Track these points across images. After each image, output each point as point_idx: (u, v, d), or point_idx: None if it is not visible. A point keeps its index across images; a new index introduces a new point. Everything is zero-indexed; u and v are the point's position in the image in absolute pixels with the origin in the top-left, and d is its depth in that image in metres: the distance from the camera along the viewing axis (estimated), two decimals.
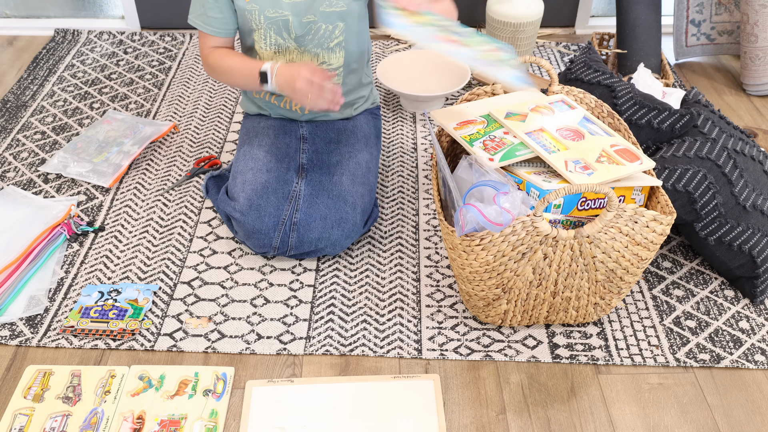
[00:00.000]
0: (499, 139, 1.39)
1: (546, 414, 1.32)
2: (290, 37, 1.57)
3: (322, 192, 1.59)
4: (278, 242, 1.56)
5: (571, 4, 2.63)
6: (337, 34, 1.58)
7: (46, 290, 1.56)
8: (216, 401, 1.32)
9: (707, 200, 1.45)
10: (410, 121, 2.13)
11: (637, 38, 2.18)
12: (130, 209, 1.79)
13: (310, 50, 1.59)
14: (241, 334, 1.47)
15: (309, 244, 1.56)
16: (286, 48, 1.59)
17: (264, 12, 1.53)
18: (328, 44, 1.59)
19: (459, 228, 1.25)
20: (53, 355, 1.43)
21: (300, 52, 1.60)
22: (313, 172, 1.63)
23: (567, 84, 1.76)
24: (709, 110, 1.65)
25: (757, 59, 2.23)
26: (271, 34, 1.56)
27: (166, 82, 2.33)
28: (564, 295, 1.37)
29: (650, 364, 1.41)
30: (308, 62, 1.49)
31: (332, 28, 1.57)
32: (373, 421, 1.29)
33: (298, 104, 1.56)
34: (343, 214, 1.57)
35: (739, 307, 1.53)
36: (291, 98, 1.49)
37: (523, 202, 1.23)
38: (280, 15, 1.53)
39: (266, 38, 1.57)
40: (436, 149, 1.37)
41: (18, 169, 1.93)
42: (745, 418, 1.32)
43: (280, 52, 1.60)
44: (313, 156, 1.66)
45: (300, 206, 1.57)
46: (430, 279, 1.59)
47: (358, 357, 1.42)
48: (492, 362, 1.41)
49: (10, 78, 2.37)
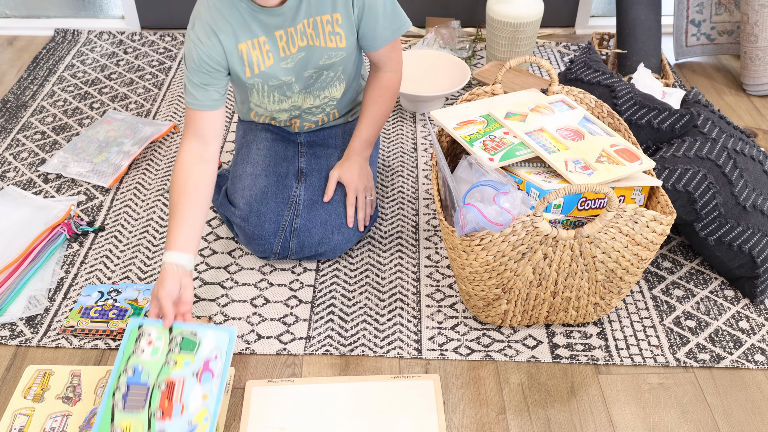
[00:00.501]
0: (499, 139, 1.39)
1: (546, 414, 1.32)
2: (294, 93, 1.57)
3: (322, 197, 1.59)
4: (279, 248, 1.56)
5: (571, 4, 2.63)
6: (340, 74, 1.58)
7: (46, 290, 1.56)
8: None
9: (707, 200, 1.45)
10: (410, 121, 2.13)
11: (637, 38, 2.18)
12: (130, 209, 1.79)
13: (312, 93, 1.59)
14: (241, 334, 1.46)
15: (309, 248, 1.56)
16: (289, 97, 1.58)
17: (267, 82, 1.51)
18: (331, 83, 1.59)
19: (459, 228, 1.25)
20: (53, 355, 1.43)
21: (303, 96, 1.59)
22: (312, 177, 1.62)
23: (567, 84, 1.76)
24: (709, 110, 1.65)
25: (757, 59, 2.23)
26: (274, 95, 1.56)
27: (166, 82, 2.33)
28: (564, 295, 1.37)
29: (650, 364, 1.41)
30: (163, 291, 1.31)
31: (333, 74, 1.56)
32: (373, 421, 1.29)
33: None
34: (343, 219, 1.57)
35: (739, 307, 1.53)
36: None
37: (523, 202, 1.23)
38: (283, 82, 1.52)
39: (270, 98, 1.57)
40: (436, 149, 1.37)
41: (18, 169, 1.93)
42: (745, 418, 1.32)
43: (283, 101, 1.59)
44: (311, 160, 1.66)
45: (300, 212, 1.56)
46: (430, 279, 1.59)
47: (358, 357, 1.42)
48: (492, 362, 1.41)
49: (10, 78, 2.37)
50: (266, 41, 1.43)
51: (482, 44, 2.54)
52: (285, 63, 1.47)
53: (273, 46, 1.45)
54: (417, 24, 2.64)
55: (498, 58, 2.36)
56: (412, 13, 2.63)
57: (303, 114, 1.66)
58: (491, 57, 2.38)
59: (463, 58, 2.39)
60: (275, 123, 1.71)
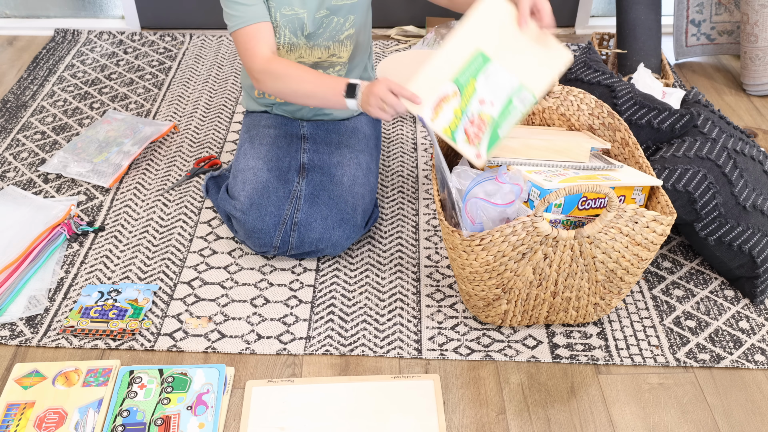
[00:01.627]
0: (478, 117, 1.34)
1: (546, 414, 1.32)
2: (302, 35, 1.58)
3: (323, 192, 1.59)
4: (279, 242, 1.55)
5: (571, 4, 2.63)
6: (348, 26, 1.59)
7: (46, 290, 1.56)
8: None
9: (707, 200, 1.45)
10: (410, 121, 2.13)
11: (637, 38, 2.18)
12: (130, 209, 1.79)
13: (320, 44, 1.60)
14: (241, 334, 1.47)
15: (309, 244, 1.56)
16: (297, 45, 1.59)
17: (280, 9, 1.53)
18: (339, 37, 1.60)
19: (468, 223, 1.25)
20: (53, 355, 1.43)
21: (309, 47, 1.60)
22: (314, 172, 1.63)
23: (567, 84, 1.76)
24: (709, 110, 1.65)
25: (757, 59, 2.23)
26: (285, 32, 1.57)
27: (166, 82, 2.33)
28: (564, 296, 1.37)
29: (650, 364, 1.41)
30: (383, 82, 1.35)
31: (343, 20, 1.58)
32: (372, 421, 1.29)
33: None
34: (344, 215, 1.57)
35: (739, 307, 1.53)
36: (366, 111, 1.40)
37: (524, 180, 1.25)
38: (295, 13, 1.53)
39: (280, 36, 1.57)
40: (435, 149, 1.37)
41: (18, 169, 1.93)
42: (745, 418, 1.32)
43: (292, 50, 1.60)
44: (314, 156, 1.66)
45: (301, 206, 1.57)
46: (430, 279, 1.59)
47: (358, 357, 1.42)
48: (492, 362, 1.41)
49: (10, 78, 2.37)
50: None
51: None
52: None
53: None
54: (417, 24, 2.64)
55: None
56: (412, 13, 2.64)
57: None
58: None
59: None
60: (280, 99, 1.70)
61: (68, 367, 1.38)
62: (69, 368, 1.38)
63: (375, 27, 2.64)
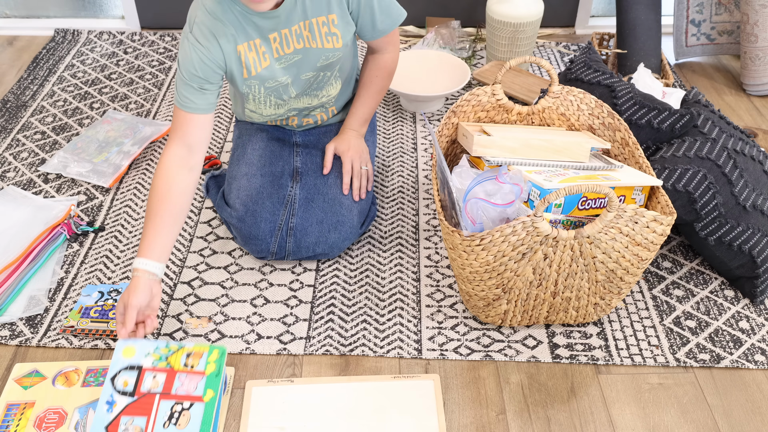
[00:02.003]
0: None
1: (546, 414, 1.32)
2: (290, 97, 1.57)
3: (318, 196, 1.59)
4: (275, 247, 1.55)
5: (571, 4, 2.63)
6: (336, 73, 1.59)
7: (46, 290, 1.56)
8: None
9: (707, 200, 1.45)
10: (410, 121, 2.13)
11: (637, 38, 2.18)
12: (130, 209, 1.79)
13: (309, 94, 1.60)
14: (241, 334, 1.47)
15: (306, 248, 1.56)
16: (286, 102, 1.59)
17: (263, 84, 1.51)
18: (328, 83, 1.60)
19: (469, 224, 1.25)
20: (53, 355, 1.43)
21: (298, 99, 1.59)
22: (307, 176, 1.62)
23: (567, 84, 1.76)
24: (709, 110, 1.65)
25: (757, 59, 2.23)
26: (270, 99, 1.56)
27: (166, 82, 2.33)
28: (564, 296, 1.37)
29: (650, 364, 1.41)
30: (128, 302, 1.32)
31: (330, 74, 1.57)
32: (372, 421, 1.29)
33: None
34: (339, 217, 1.57)
35: (739, 307, 1.53)
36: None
37: (524, 180, 1.25)
38: (280, 83, 1.52)
39: (266, 102, 1.57)
40: (436, 149, 1.37)
41: (18, 169, 1.93)
42: (745, 418, 1.32)
43: (279, 106, 1.60)
44: (307, 159, 1.66)
45: (296, 211, 1.56)
46: (430, 279, 1.59)
47: (358, 357, 1.42)
48: (492, 362, 1.41)
49: (10, 78, 2.37)
50: (261, 43, 1.44)
51: (482, 44, 2.54)
52: (280, 63, 1.48)
53: (267, 47, 1.45)
54: (417, 24, 2.64)
55: (498, 58, 2.36)
56: (412, 13, 2.64)
57: (301, 114, 1.67)
58: (491, 57, 2.38)
59: (463, 58, 2.39)
60: (271, 123, 1.71)
61: (68, 367, 1.38)
62: (69, 368, 1.38)
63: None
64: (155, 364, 1.30)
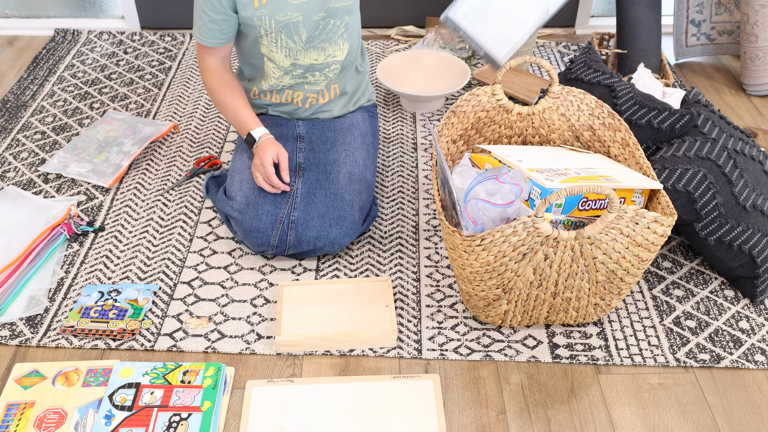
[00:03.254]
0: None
1: (546, 414, 1.32)
2: (301, 40, 1.58)
3: (320, 190, 1.59)
4: (276, 241, 1.56)
5: (571, 4, 2.63)
6: (342, 27, 1.60)
7: (46, 290, 1.56)
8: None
9: (707, 200, 1.45)
10: (410, 121, 2.13)
11: (637, 38, 2.18)
12: (130, 209, 1.79)
13: (317, 46, 1.61)
14: (241, 334, 1.46)
15: (307, 242, 1.56)
16: (295, 49, 1.60)
17: (274, 16, 1.53)
18: (334, 38, 1.61)
19: (471, 225, 1.25)
20: (53, 355, 1.43)
21: (305, 50, 1.60)
22: (310, 171, 1.63)
23: (567, 84, 1.76)
24: (709, 110, 1.65)
25: (757, 59, 2.23)
26: (282, 37, 1.57)
27: (166, 82, 2.33)
28: (564, 296, 1.37)
29: (650, 364, 1.41)
30: (275, 153, 1.59)
31: (339, 22, 1.59)
32: (372, 421, 1.29)
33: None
34: (341, 212, 1.57)
35: (739, 307, 1.53)
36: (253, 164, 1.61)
37: (525, 180, 1.25)
38: (290, 18, 1.53)
39: (277, 41, 1.58)
40: (436, 149, 1.37)
41: (18, 169, 1.93)
42: (745, 418, 1.32)
43: (290, 54, 1.61)
44: (309, 155, 1.67)
45: (297, 204, 1.57)
46: (430, 279, 1.59)
47: (358, 357, 1.42)
48: (492, 362, 1.41)
49: (10, 78, 2.37)
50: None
51: None
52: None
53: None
54: (417, 24, 2.64)
55: None
56: (412, 14, 2.64)
57: (306, 83, 1.67)
58: None
59: (463, 58, 2.39)
60: (277, 100, 1.71)
61: (68, 367, 1.38)
62: (69, 368, 1.38)
63: (375, 27, 2.65)
64: (153, 381, 1.32)
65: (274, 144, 1.60)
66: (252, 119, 1.64)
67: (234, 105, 1.64)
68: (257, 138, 1.61)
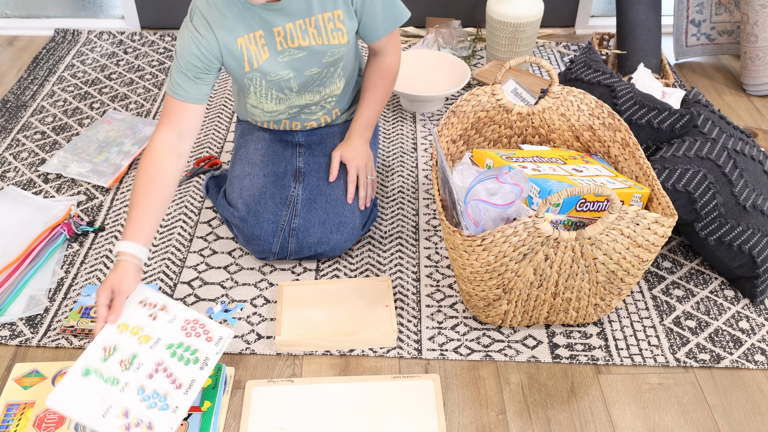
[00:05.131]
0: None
1: (546, 414, 1.32)
2: (292, 92, 1.57)
3: (320, 196, 1.59)
4: (278, 248, 1.55)
5: (571, 4, 2.63)
6: (339, 71, 1.59)
7: (46, 290, 1.56)
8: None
9: (707, 200, 1.45)
10: (410, 121, 2.13)
11: (637, 38, 2.18)
12: None
13: (311, 89, 1.59)
14: (241, 334, 1.46)
15: (308, 249, 1.56)
16: (288, 97, 1.59)
17: (265, 77, 1.50)
18: (330, 81, 1.60)
19: (472, 226, 1.25)
20: (53, 355, 1.43)
21: (299, 95, 1.59)
22: (310, 177, 1.62)
23: (567, 84, 1.76)
24: (709, 110, 1.65)
25: (757, 59, 2.23)
26: (272, 92, 1.56)
27: (166, 82, 2.33)
28: (564, 296, 1.37)
29: (650, 364, 1.41)
30: (110, 287, 1.26)
31: (333, 69, 1.57)
32: (372, 421, 1.29)
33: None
34: (341, 218, 1.57)
35: (739, 307, 1.53)
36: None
37: (525, 180, 1.25)
38: (281, 77, 1.51)
39: (267, 96, 1.57)
40: (436, 148, 1.37)
41: (18, 169, 1.93)
42: (745, 418, 1.32)
43: (281, 102, 1.60)
44: (309, 160, 1.66)
45: (298, 211, 1.56)
46: (430, 279, 1.59)
47: (358, 357, 1.42)
48: (492, 362, 1.41)
49: (10, 78, 2.37)
50: (263, 35, 1.44)
51: (482, 44, 2.54)
52: (282, 57, 1.47)
53: (270, 39, 1.45)
54: (417, 24, 2.63)
55: (498, 58, 2.36)
56: (412, 13, 2.63)
57: (302, 114, 1.66)
58: (491, 57, 2.38)
59: (463, 58, 2.39)
60: (276, 128, 1.71)
61: (68, 367, 1.38)
62: (69, 368, 1.37)
63: None
64: None
65: (120, 273, 1.27)
66: (131, 226, 1.32)
67: (139, 201, 1.34)
68: (114, 255, 1.31)
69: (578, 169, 1.41)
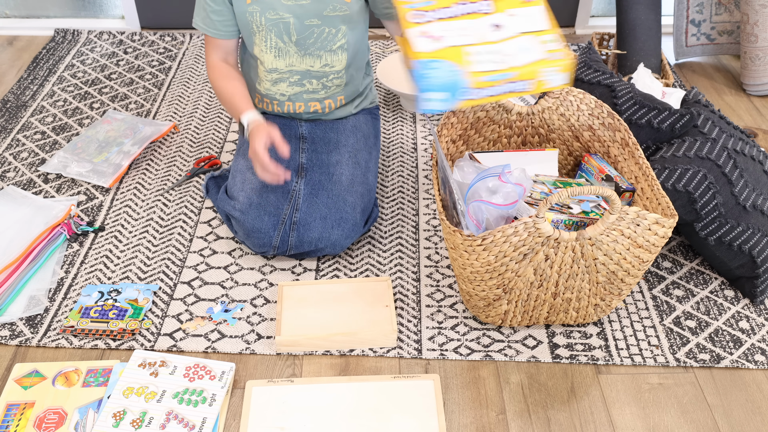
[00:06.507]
0: None
1: (546, 414, 1.32)
2: (290, 41, 1.57)
3: (322, 192, 1.59)
4: (278, 241, 1.55)
5: (571, 4, 2.63)
6: (340, 37, 1.59)
7: (46, 290, 1.56)
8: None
9: (707, 200, 1.45)
10: (410, 121, 2.13)
11: (637, 38, 2.18)
12: (130, 209, 1.79)
13: (312, 53, 1.59)
14: (241, 334, 1.47)
15: (309, 243, 1.56)
16: (286, 51, 1.59)
17: (265, 14, 1.53)
18: (330, 47, 1.59)
19: (474, 227, 1.25)
20: (53, 355, 1.43)
21: (300, 56, 1.60)
22: (312, 172, 1.63)
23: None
24: (709, 110, 1.65)
25: (757, 59, 2.23)
26: (271, 36, 1.57)
27: (166, 82, 2.33)
28: (565, 296, 1.37)
29: (650, 364, 1.41)
30: (266, 136, 1.48)
31: (335, 31, 1.57)
32: (373, 421, 1.29)
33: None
34: (343, 214, 1.57)
35: (739, 307, 1.53)
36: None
37: (527, 178, 1.25)
38: (281, 18, 1.53)
39: (267, 40, 1.58)
40: (436, 148, 1.37)
41: (18, 169, 1.93)
42: (745, 418, 1.32)
43: (280, 56, 1.60)
44: (312, 155, 1.66)
45: (300, 206, 1.57)
46: (430, 279, 1.59)
47: (358, 357, 1.42)
48: (492, 362, 1.41)
49: (10, 78, 2.37)
50: None
51: None
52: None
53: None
54: None
55: None
56: None
57: (305, 93, 1.66)
58: None
59: None
60: (279, 110, 1.71)
61: (68, 367, 1.38)
62: (69, 368, 1.38)
63: (375, 27, 2.65)
64: None
65: (263, 127, 1.50)
66: (244, 103, 1.58)
67: (230, 91, 1.60)
68: (246, 125, 1.54)
69: (498, 24, 1.26)
